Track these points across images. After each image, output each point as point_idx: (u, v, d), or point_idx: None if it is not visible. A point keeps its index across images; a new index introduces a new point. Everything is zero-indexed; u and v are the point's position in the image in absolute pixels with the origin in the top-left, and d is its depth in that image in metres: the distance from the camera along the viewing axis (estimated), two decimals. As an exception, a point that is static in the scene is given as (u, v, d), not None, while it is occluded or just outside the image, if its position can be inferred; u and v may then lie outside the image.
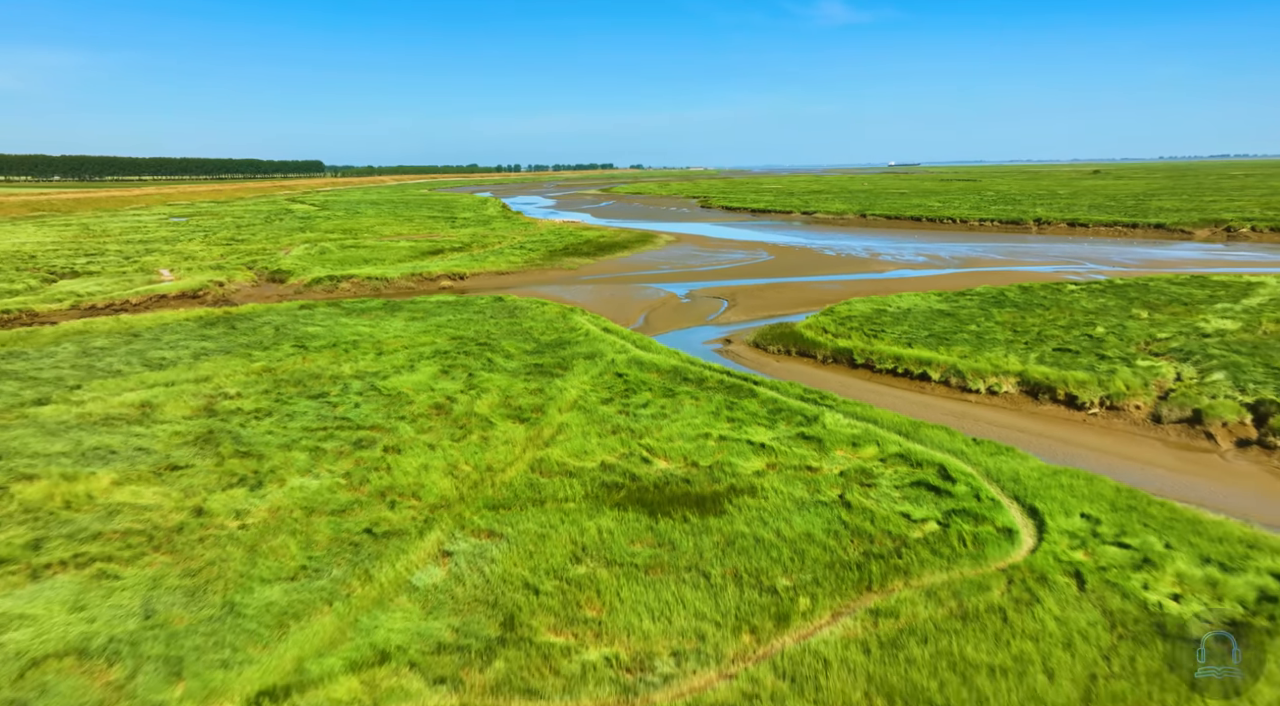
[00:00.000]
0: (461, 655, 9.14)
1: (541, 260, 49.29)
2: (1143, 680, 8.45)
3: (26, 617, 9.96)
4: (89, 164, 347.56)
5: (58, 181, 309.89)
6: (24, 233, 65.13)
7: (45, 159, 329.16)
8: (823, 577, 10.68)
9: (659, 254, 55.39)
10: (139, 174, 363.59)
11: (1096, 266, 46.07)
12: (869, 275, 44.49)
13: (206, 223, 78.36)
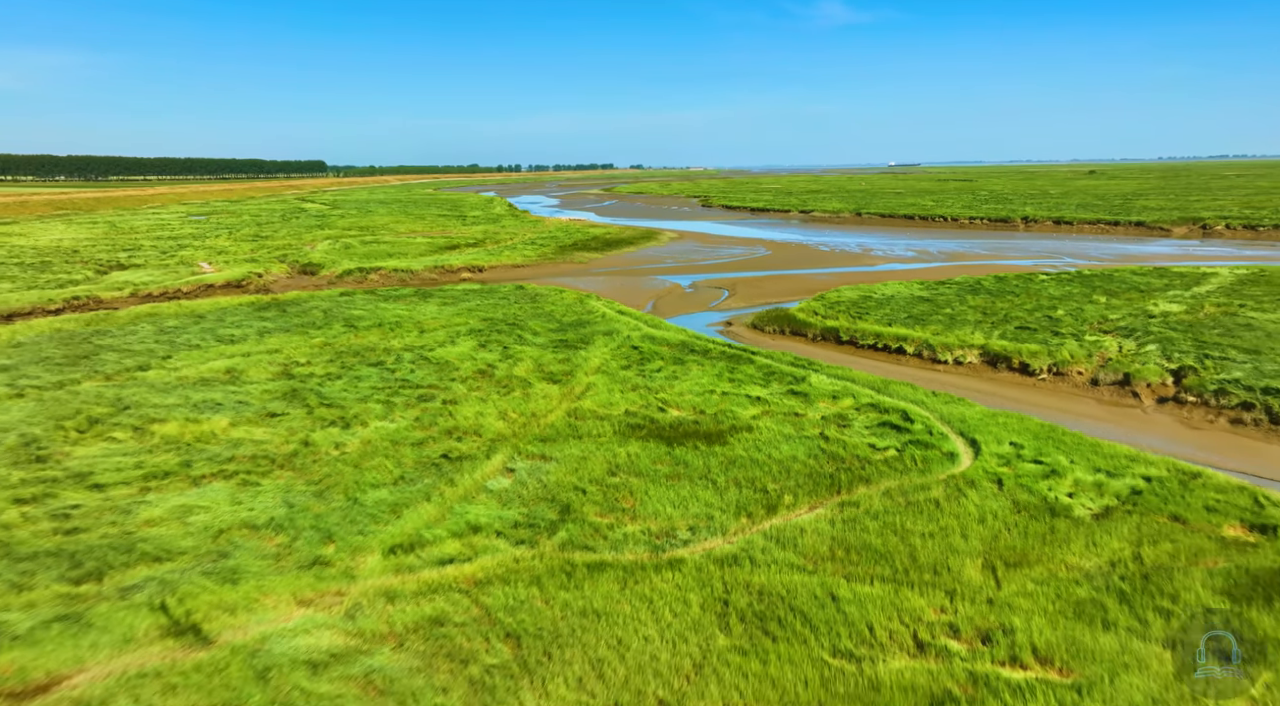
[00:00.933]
0: (533, 529, 12.37)
1: (553, 254, 52.53)
2: (1032, 539, 11.69)
3: (201, 507, 13.20)
4: (95, 164, 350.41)
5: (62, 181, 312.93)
6: (57, 230, 68.33)
7: (52, 159, 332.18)
8: (803, 484, 13.91)
9: (663, 249, 58.64)
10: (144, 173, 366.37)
11: (1073, 261, 49.29)
12: (860, 268, 47.72)
13: (226, 221, 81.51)
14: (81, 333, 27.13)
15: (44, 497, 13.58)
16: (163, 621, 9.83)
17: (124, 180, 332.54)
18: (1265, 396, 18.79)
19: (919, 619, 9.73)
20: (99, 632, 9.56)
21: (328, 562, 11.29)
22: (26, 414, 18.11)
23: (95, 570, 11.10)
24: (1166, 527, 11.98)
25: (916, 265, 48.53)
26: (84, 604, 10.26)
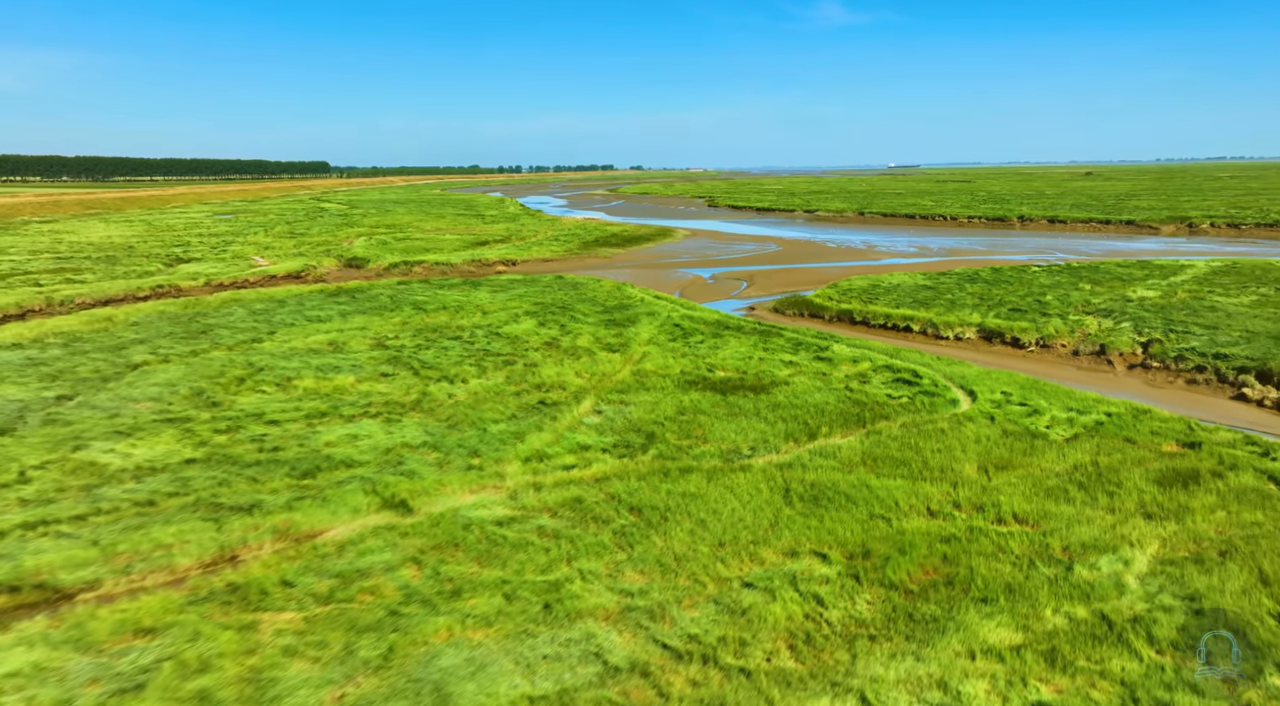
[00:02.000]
0: (629, 448, 15.97)
1: (578, 250, 56.13)
2: (1015, 452, 15.31)
3: (362, 435, 16.80)
4: (101, 164, 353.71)
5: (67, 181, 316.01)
6: (100, 228, 71.84)
7: (59, 159, 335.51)
8: (835, 420, 17.52)
9: (679, 245, 62.25)
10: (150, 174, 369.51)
11: (1065, 255, 52.92)
12: (866, 262, 51.34)
13: (255, 220, 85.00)
14: (184, 314, 30.70)
15: (236, 429, 17.19)
16: (376, 500, 13.43)
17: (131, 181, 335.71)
18: (1215, 361, 22.42)
19: (931, 498, 13.34)
20: (335, 505, 13.16)
21: (480, 468, 14.90)
22: (182, 374, 21.71)
23: (308, 470, 14.71)
24: (1119, 445, 15.62)
25: (918, 260, 52.14)
26: (313, 491, 13.86)
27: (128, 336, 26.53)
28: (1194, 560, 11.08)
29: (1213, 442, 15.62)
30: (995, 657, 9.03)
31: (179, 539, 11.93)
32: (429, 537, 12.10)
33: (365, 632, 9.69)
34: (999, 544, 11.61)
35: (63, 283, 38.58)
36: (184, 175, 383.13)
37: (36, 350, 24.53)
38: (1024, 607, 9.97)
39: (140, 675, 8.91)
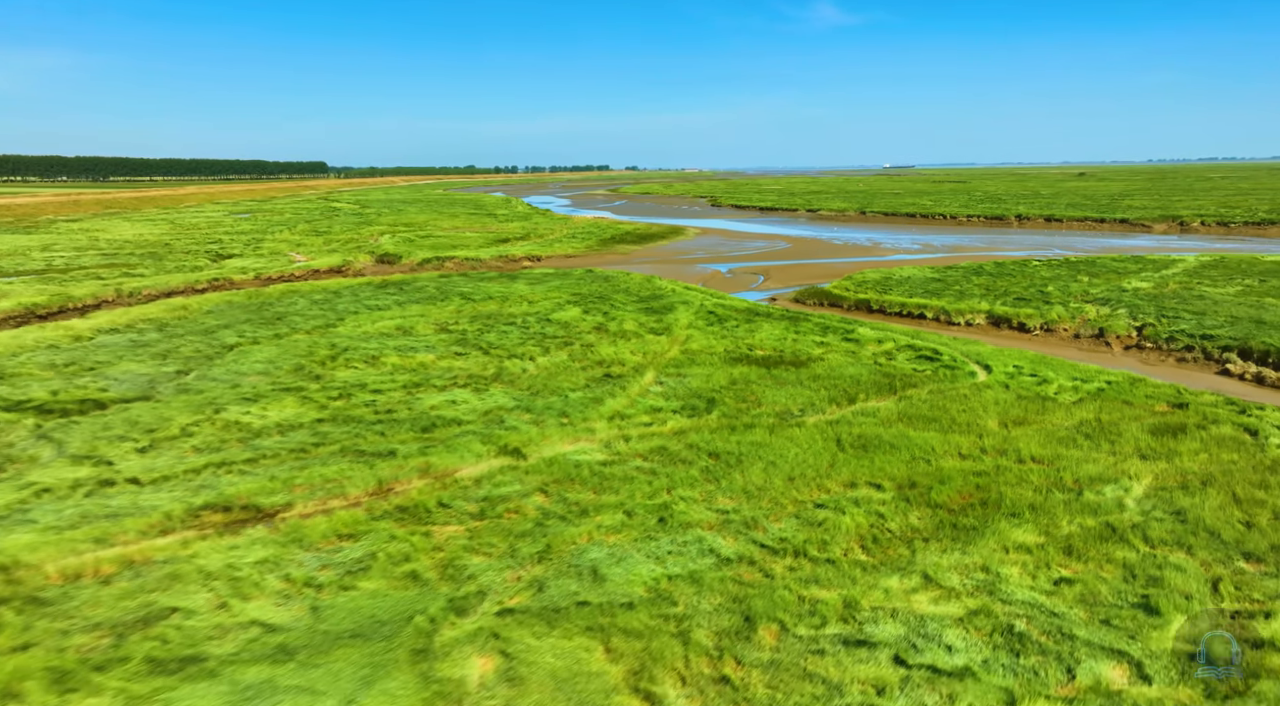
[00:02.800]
0: (694, 410, 18.47)
1: (597, 246, 58.63)
2: (1030, 411, 17.85)
3: (459, 401, 19.26)
4: (101, 165, 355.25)
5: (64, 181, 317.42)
6: (126, 227, 74.08)
7: (60, 160, 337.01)
8: (869, 388, 20.05)
9: (692, 243, 64.77)
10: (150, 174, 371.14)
11: (1062, 251, 55.55)
12: (873, 258, 53.90)
13: (274, 218, 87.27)
14: (250, 303, 33.13)
15: (348, 396, 19.66)
16: (493, 448, 15.93)
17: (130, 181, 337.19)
18: (1203, 341, 25.02)
19: (960, 446, 15.88)
20: (460, 452, 15.65)
21: (572, 424, 17.40)
22: (276, 353, 24.17)
23: (426, 426, 17.20)
24: (1118, 406, 18.18)
25: (923, 256, 54.74)
26: (436, 441, 16.35)
27: (210, 322, 28.96)
28: (1180, 487, 13.64)
29: (1198, 403, 18.20)
30: (1024, 551, 11.56)
31: (341, 475, 14.42)
32: (547, 474, 14.60)
33: (521, 537, 12.19)
34: (1021, 476, 14.15)
35: (121, 276, 40.93)
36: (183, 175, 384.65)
37: (135, 333, 26.95)
38: (1044, 520, 12.51)
39: (358, 564, 11.41)
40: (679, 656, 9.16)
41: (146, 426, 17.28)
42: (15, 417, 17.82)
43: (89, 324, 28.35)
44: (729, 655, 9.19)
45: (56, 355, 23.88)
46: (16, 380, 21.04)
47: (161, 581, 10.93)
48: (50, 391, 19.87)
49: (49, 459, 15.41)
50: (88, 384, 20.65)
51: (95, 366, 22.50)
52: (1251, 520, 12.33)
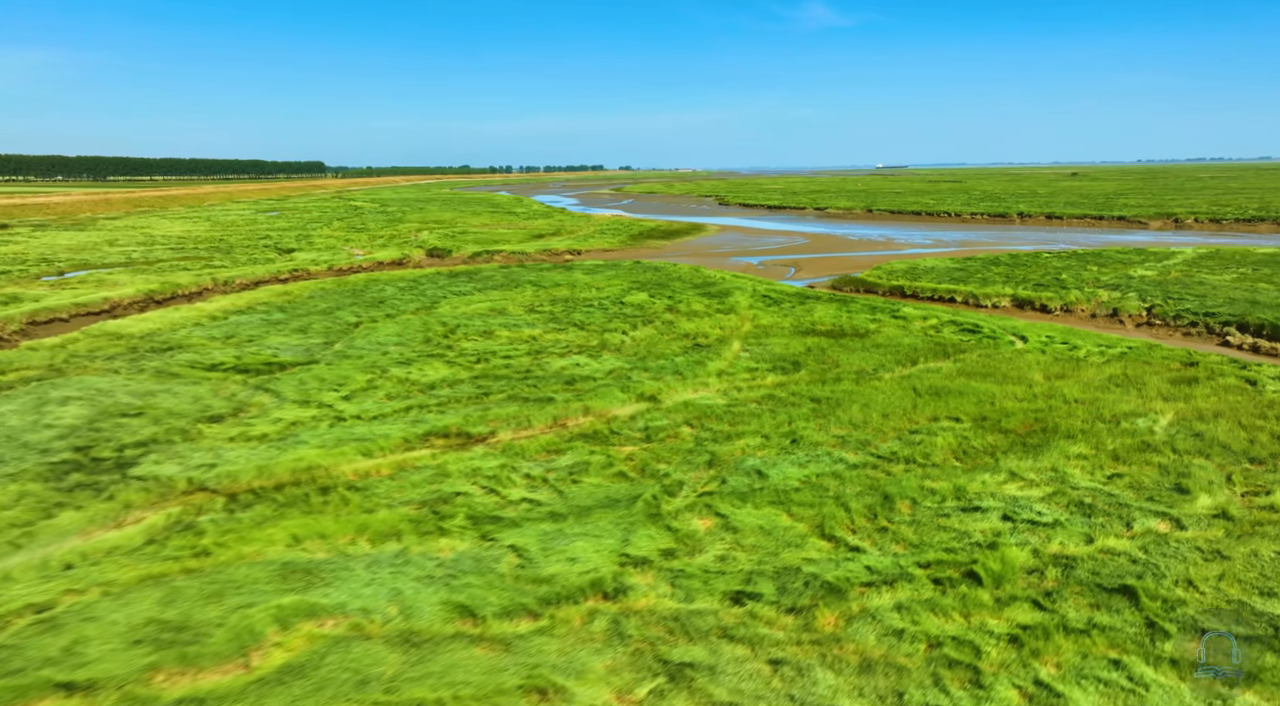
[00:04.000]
0: (783, 369, 22.00)
1: (630, 241, 62.11)
2: (1066, 367, 21.45)
3: (580, 363, 22.76)
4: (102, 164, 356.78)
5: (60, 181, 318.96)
6: (168, 224, 77.22)
7: (61, 159, 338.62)
8: (926, 353, 23.62)
9: (715, 239, 68.30)
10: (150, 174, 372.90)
11: (1067, 245, 59.22)
12: (890, 252, 57.51)
13: (304, 216, 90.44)
14: (342, 290, 36.54)
15: (485, 360, 23.14)
16: (631, 396, 19.43)
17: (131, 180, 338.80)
18: (1205, 318, 28.68)
19: (1015, 392, 19.43)
20: (607, 398, 19.16)
21: (687, 379, 20.92)
22: (399, 329, 27.61)
23: (567, 381, 20.70)
24: (1140, 364, 21.80)
25: (937, 250, 58.35)
26: (582, 391, 19.84)
27: (321, 305, 32.39)
28: (1197, 418, 17.25)
29: (1206, 362, 21.85)
30: (1081, 458, 15.13)
31: (521, 413, 17.92)
32: (686, 413, 18.13)
33: (689, 452, 15.70)
34: (1069, 412, 17.74)
35: (204, 267, 44.25)
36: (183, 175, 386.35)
37: (261, 314, 30.37)
38: (1093, 439, 16.08)
39: (573, 468, 14.90)
40: (844, 518, 12.70)
41: (334, 382, 20.74)
42: (223, 376, 21.26)
43: (214, 307, 31.73)
44: (880, 517, 12.74)
45: (208, 331, 27.28)
46: (196, 348, 24.46)
47: (433, 477, 14.42)
48: (232, 357, 23.31)
49: (275, 404, 18.87)
50: (257, 352, 24.08)
51: (251, 338, 25.92)
52: (1254, 438, 15.94)
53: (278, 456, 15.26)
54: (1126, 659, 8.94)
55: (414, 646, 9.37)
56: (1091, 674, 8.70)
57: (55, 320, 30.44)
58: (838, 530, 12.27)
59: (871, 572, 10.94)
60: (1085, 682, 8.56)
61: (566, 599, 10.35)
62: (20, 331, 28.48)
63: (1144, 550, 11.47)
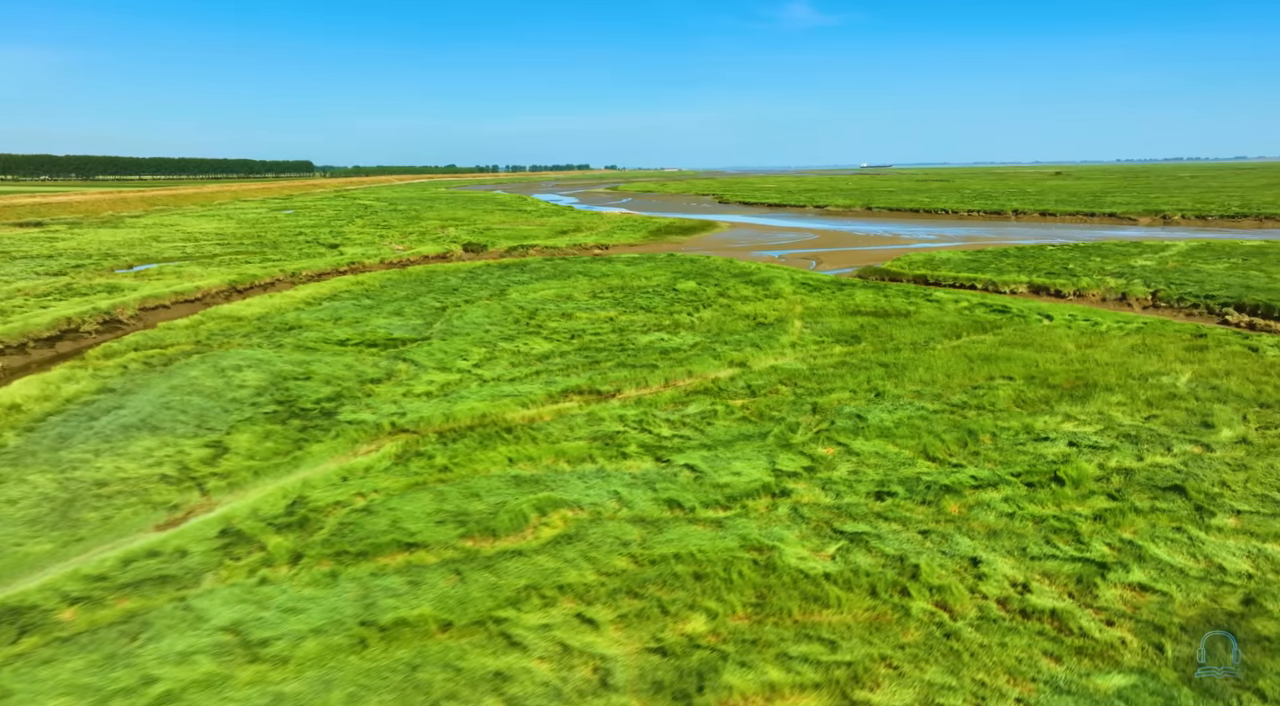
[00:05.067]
0: (846, 341, 25.10)
1: (650, 237, 65.09)
2: (1093, 338, 24.66)
3: (661, 339, 25.77)
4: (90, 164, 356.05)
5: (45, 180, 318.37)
6: (199, 223, 79.56)
7: (50, 158, 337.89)
8: (966, 329, 26.77)
9: (729, 235, 71.38)
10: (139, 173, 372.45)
11: (1065, 240, 62.69)
12: (900, 246, 60.77)
13: (322, 215, 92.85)
14: (411, 279, 39.37)
15: (578, 337, 26.09)
16: (724, 362, 22.48)
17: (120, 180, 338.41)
18: (1205, 299, 32.04)
19: (1053, 358, 22.60)
20: (703, 364, 22.20)
21: (765, 350, 23.98)
22: (485, 312, 30.53)
23: (662, 351, 23.72)
24: (1156, 336, 25.05)
25: (942, 245, 61.67)
26: (679, 360, 22.86)
27: (398, 293, 35.24)
28: (1211, 376, 20.47)
29: (1213, 334, 25.14)
30: (1121, 405, 18.29)
31: (633, 375, 20.92)
32: (776, 375, 21.21)
33: (792, 403, 18.77)
34: (1103, 372, 20.94)
35: (262, 261, 46.93)
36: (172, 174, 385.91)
37: (350, 300, 33.20)
38: (1128, 392, 19.25)
39: (702, 414, 17.93)
40: (940, 446, 15.80)
41: (457, 353, 23.69)
42: (356, 349, 24.16)
43: (301, 294, 34.53)
44: (969, 445, 15.85)
45: (313, 314, 30.12)
46: (314, 328, 27.31)
47: (589, 421, 17.43)
48: (354, 334, 26.19)
49: (419, 370, 21.80)
50: (372, 330, 26.97)
51: (357, 320, 28.78)
52: (1261, 389, 19.17)
53: (452, 407, 18.21)
54: (1185, 527, 12.08)
55: (647, 525, 12.39)
56: (1160, 536, 11.82)
57: (160, 307, 33.15)
58: (939, 454, 15.37)
59: (976, 480, 14.04)
60: (1157, 541, 11.68)
61: (746, 496, 13.39)
62: (136, 316, 31.20)
63: (1184, 465, 14.63)
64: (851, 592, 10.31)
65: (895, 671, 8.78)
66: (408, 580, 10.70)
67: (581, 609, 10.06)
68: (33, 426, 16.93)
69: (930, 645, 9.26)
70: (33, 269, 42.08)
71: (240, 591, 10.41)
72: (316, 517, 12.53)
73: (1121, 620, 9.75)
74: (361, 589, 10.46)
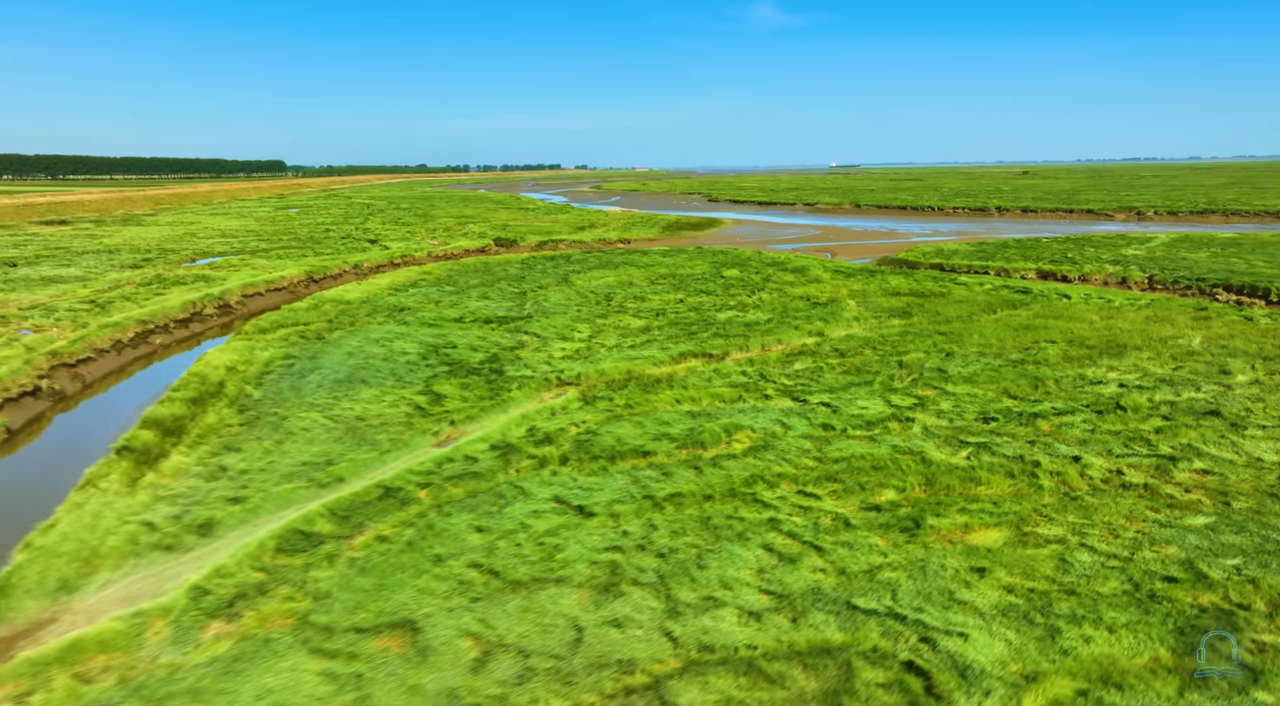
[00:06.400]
0: (899, 316, 28.84)
1: (665, 232, 68.61)
2: (1110, 312, 28.64)
3: (738, 314, 29.39)
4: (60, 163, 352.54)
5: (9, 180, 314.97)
6: (221, 221, 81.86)
7: (19, 157, 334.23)
8: (999, 305, 30.63)
9: (737, 230, 75.10)
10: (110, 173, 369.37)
11: (1052, 234, 67.16)
12: (901, 240, 64.79)
13: (331, 214, 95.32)
14: (471, 270, 42.58)
15: (660, 314, 29.58)
16: (802, 332, 26.10)
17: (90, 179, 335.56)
18: (1197, 282, 36.27)
19: (1082, 327, 26.50)
20: (787, 334, 25.80)
21: (833, 323, 27.64)
22: (564, 294, 33.89)
23: (747, 324, 27.29)
24: (1164, 309, 29.07)
25: (938, 239, 65.80)
26: (762, 331, 26.45)
27: (471, 280, 38.49)
28: (1218, 338, 24.45)
29: (1213, 307, 29.22)
30: (1151, 359, 22.17)
31: (731, 343, 24.47)
32: (853, 341, 24.87)
33: (879, 361, 22.42)
34: (1129, 336, 24.86)
35: (315, 255, 49.83)
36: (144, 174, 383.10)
37: (434, 286, 36.41)
38: (1154, 350, 23.14)
39: (809, 368, 21.54)
40: (1016, 388, 19.52)
41: (567, 328, 27.08)
42: (475, 326, 27.47)
43: (384, 282, 37.68)
44: (1039, 388, 19.60)
45: (409, 297, 33.31)
46: (419, 309, 30.53)
47: (718, 375, 20.96)
48: (462, 313, 29.47)
49: (543, 342, 25.19)
50: (473, 311, 30.25)
51: (455, 303, 32.04)
52: (1262, 347, 23.17)
53: (597, 366, 21.67)
54: (1226, 435, 15.89)
55: (814, 440, 15.96)
56: (1210, 441, 15.61)
57: (256, 294, 36.13)
58: (1017, 394, 19.12)
59: (1056, 410, 17.78)
60: (1208, 444, 15.47)
61: (879, 422, 17.02)
62: (240, 302, 34.21)
63: (1214, 398, 18.50)
64: (994, 475, 13.97)
65: (1045, 517, 12.43)
66: (660, 473, 14.19)
67: (799, 488, 13.61)
68: (259, 381, 20.14)
69: (1063, 504, 12.92)
70: (108, 262, 44.72)
71: (541, 481, 13.84)
72: (556, 437, 15.97)
73: (1195, 489, 13.49)
74: (630, 478, 13.94)
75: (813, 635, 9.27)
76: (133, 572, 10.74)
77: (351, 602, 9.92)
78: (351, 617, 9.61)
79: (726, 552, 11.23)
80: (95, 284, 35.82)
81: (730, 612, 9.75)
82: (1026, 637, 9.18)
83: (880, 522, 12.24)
